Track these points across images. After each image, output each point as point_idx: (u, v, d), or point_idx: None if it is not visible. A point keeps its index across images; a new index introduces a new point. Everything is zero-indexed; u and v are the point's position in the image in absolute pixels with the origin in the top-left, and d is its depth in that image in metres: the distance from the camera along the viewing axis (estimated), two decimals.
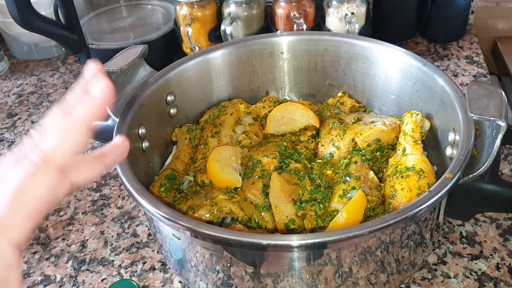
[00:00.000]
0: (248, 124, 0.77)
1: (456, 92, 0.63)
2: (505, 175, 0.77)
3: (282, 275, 0.53)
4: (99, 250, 0.72)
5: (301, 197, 0.62)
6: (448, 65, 1.04)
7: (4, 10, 0.96)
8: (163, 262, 0.69)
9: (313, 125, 0.76)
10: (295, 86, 0.84)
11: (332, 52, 0.79)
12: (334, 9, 0.96)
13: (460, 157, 0.54)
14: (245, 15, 0.98)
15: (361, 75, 0.78)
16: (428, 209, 0.50)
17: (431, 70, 0.68)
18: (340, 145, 0.70)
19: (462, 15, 1.08)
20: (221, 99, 0.81)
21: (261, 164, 0.66)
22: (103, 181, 0.84)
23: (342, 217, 0.57)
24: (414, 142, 0.66)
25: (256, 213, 0.61)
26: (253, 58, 0.80)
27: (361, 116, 0.74)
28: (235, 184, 0.66)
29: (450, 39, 1.11)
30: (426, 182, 0.59)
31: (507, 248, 0.66)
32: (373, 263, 0.54)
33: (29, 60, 1.24)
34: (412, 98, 0.72)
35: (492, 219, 0.70)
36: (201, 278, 0.58)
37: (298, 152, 0.70)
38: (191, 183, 0.70)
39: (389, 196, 0.61)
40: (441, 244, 0.67)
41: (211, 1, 1.02)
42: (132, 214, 0.77)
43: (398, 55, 0.72)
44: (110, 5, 1.19)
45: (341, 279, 0.54)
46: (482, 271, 0.64)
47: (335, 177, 0.66)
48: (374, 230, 0.48)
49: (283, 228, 0.59)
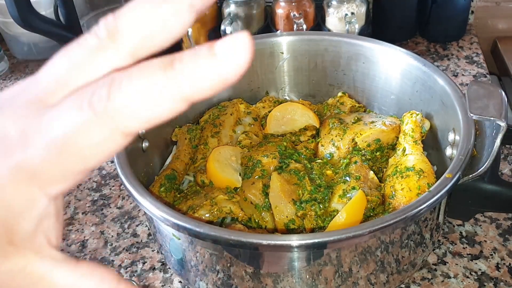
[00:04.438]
0: (248, 124, 0.77)
1: (456, 92, 0.63)
2: (505, 175, 0.77)
3: (282, 275, 0.53)
4: (99, 250, 0.72)
5: (301, 197, 0.62)
6: (448, 65, 1.04)
7: (4, 10, 0.96)
8: (163, 262, 0.69)
9: (313, 125, 0.76)
10: (295, 86, 0.84)
11: (332, 52, 0.79)
12: (334, 9, 0.96)
13: (460, 157, 0.54)
14: (245, 15, 0.98)
15: (361, 75, 0.78)
16: (428, 209, 0.50)
17: (431, 70, 0.68)
18: (340, 145, 0.70)
19: (462, 15, 1.08)
20: (221, 99, 0.81)
21: (261, 164, 0.66)
22: (103, 181, 0.84)
23: (342, 217, 0.57)
24: (414, 142, 0.66)
25: (256, 213, 0.61)
26: (253, 58, 0.80)
27: (361, 116, 0.74)
28: (235, 184, 0.66)
29: (450, 39, 1.11)
30: (426, 182, 0.59)
31: (507, 248, 0.66)
32: (373, 263, 0.54)
33: (29, 60, 1.24)
34: (412, 98, 0.72)
35: (492, 219, 0.70)
36: (201, 278, 0.58)
37: (298, 152, 0.70)
38: (191, 183, 0.70)
39: (389, 196, 0.61)
40: (441, 244, 0.67)
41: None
42: (132, 214, 0.77)
43: (398, 55, 0.72)
44: (110, 5, 1.19)
45: (341, 279, 0.54)
46: (482, 271, 0.64)
47: (335, 177, 0.66)
48: (374, 230, 0.48)
49: (283, 228, 0.59)
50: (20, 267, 0.23)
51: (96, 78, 0.23)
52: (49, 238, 0.24)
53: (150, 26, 0.22)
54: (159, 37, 0.23)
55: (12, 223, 0.23)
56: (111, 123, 0.21)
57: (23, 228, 0.23)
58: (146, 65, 0.22)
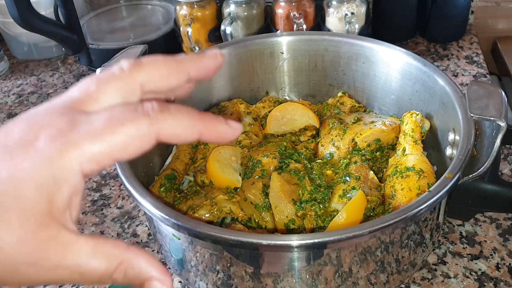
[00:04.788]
0: (248, 124, 0.77)
1: (456, 92, 0.63)
2: (505, 175, 0.77)
3: (282, 275, 0.53)
4: None
5: (301, 197, 0.62)
6: (448, 65, 1.04)
7: (4, 10, 0.96)
8: (163, 262, 0.69)
9: (313, 125, 0.76)
10: (295, 86, 0.84)
11: (332, 52, 0.79)
12: (334, 9, 0.96)
13: (460, 157, 0.54)
14: (245, 15, 0.98)
15: (361, 75, 0.78)
16: (428, 209, 0.50)
17: (431, 70, 0.68)
18: (340, 145, 0.70)
19: (462, 15, 1.08)
20: (221, 99, 0.81)
21: (261, 164, 0.66)
22: (103, 181, 0.84)
23: (342, 217, 0.57)
24: (414, 142, 0.66)
25: (256, 213, 0.61)
26: (253, 58, 0.80)
27: (361, 116, 0.74)
28: (235, 184, 0.66)
29: (450, 39, 1.11)
30: (426, 182, 0.59)
31: (507, 248, 0.66)
32: (373, 263, 0.54)
33: (29, 60, 1.24)
34: (412, 98, 0.72)
35: (492, 219, 0.70)
36: (201, 278, 0.58)
37: (298, 152, 0.70)
38: (191, 183, 0.70)
39: (389, 196, 0.61)
40: (441, 244, 0.67)
41: (211, 1, 1.02)
42: (132, 214, 0.77)
43: (398, 55, 0.72)
44: (110, 5, 1.19)
45: (341, 279, 0.54)
46: (482, 271, 0.64)
47: (335, 177, 0.66)
48: (374, 230, 0.48)
49: (283, 228, 0.59)
50: (52, 235, 0.27)
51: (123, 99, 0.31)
52: (72, 214, 0.29)
53: (160, 84, 0.32)
54: (162, 90, 0.33)
55: (54, 196, 0.27)
56: (155, 124, 0.29)
57: (60, 201, 0.28)
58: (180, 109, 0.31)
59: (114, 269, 0.29)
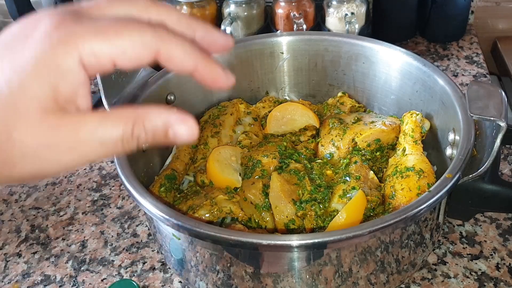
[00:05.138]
0: (248, 124, 0.77)
1: (456, 92, 0.63)
2: (505, 175, 0.77)
3: (282, 275, 0.53)
4: (99, 250, 0.72)
5: (301, 197, 0.62)
6: (448, 65, 1.04)
7: (4, 10, 0.96)
8: (163, 262, 0.69)
9: (313, 125, 0.76)
10: (295, 86, 0.84)
11: (332, 52, 0.79)
12: (334, 9, 0.96)
13: (460, 157, 0.54)
14: (245, 15, 0.99)
15: (361, 75, 0.78)
16: (428, 209, 0.50)
17: (431, 70, 0.68)
18: (340, 145, 0.70)
19: (462, 15, 1.08)
20: (221, 99, 0.81)
21: (261, 164, 0.66)
22: (103, 181, 0.84)
23: (342, 217, 0.57)
24: (414, 142, 0.66)
25: (256, 213, 0.61)
26: (253, 58, 0.80)
27: (361, 116, 0.74)
28: (235, 184, 0.66)
29: (450, 39, 1.11)
30: (426, 182, 0.59)
31: (507, 248, 0.66)
32: (373, 263, 0.54)
33: None
34: (412, 98, 0.72)
35: (492, 219, 0.70)
36: (201, 278, 0.58)
37: (298, 152, 0.70)
38: (191, 183, 0.70)
39: (389, 196, 0.61)
40: (441, 244, 0.67)
41: (211, 1, 1.02)
42: (132, 214, 0.77)
43: (398, 55, 0.72)
44: None
45: (341, 279, 0.54)
46: (482, 271, 0.64)
47: (335, 177, 0.66)
48: (374, 230, 0.48)
49: (283, 228, 0.59)
50: (59, 118, 0.29)
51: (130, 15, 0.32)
52: (82, 104, 0.30)
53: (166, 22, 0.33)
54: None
55: (58, 83, 0.28)
56: (158, 38, 0.30)
57: (65, 90, 0.29)
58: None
59: (132, 129, 0.30)
